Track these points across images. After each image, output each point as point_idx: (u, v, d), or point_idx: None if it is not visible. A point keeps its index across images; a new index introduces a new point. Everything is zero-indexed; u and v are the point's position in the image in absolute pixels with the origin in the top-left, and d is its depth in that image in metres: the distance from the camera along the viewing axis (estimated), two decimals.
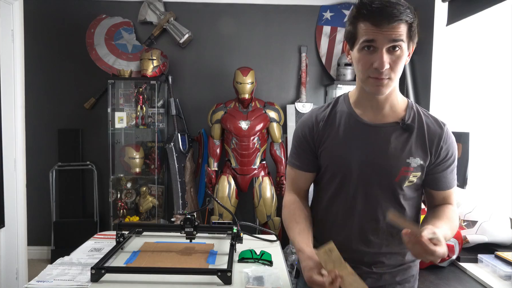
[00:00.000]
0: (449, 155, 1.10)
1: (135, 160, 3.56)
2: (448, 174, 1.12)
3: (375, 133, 1.10)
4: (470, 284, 1.41)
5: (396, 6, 0.96)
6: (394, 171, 1.08)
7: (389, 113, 1.11)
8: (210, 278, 1.26)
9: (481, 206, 1.68)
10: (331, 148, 1.13)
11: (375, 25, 0.97)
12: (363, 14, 0.98)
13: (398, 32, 0.97)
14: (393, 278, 1.15)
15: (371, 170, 1.09)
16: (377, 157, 1.09)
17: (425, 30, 2.80)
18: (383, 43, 0.98)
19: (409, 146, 1.08)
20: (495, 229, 1.62)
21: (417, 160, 1.08)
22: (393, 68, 1.00)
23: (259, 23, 3.74)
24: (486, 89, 2.31)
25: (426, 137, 1.09)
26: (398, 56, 0.99)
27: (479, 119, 2.35)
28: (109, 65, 3.59)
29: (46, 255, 3.79)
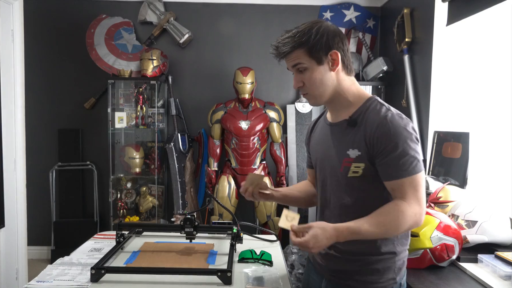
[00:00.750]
0: (387, 142, 1.11)
1: (135, 160, 3.55)
2: (391, 162, 1.11)
3: (331, 130, 1.26)
4: (470, 284, 1.41)
5: (285, 42, 1.18)
6: (338, 162, 1.19)
7: (342, 113, 1.23)
8: (210, 278, 1.26)
9: (481, 206, 1.67)
10: (311, 148, 1.38)
11: (283, 59, 1.21)
12: (274, 56, 1.23)
13: (294, 59, 1.18)
14: (351, 264, 1.20)
15: (325, 162, 1.26)
16: (328, 150, 1.25)
17: (425, 30, 2.80)
18: (291, 69, 1.22)
19: (350, 138, 1.17)
20: (495, 229, 1.62)
21: (356, 152, 1.15)
22: (307, 84, 1.19)
23: (259, 23, 3.74)
24: (486, 89, 2.31)
25: (366, 130, 1.14)
26: (307, 74, 1.19)
27: (479, 119, 2.35)
28: (109, 65, 3.59)
29: (46, 255, 3.79)
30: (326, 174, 1.26)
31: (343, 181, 1.19)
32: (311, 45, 1.15)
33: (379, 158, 1.12)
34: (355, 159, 1.15)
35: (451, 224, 1.54)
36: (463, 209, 1.69)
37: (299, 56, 1.17)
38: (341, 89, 1.21)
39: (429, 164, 2.65)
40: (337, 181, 1.21)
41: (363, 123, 1.16)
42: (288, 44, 1.17)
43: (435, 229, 1.49)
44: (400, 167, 1.10)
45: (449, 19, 2.53)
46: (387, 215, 1.09)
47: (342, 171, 1.18)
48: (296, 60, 1.18)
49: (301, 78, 1.20)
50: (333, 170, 1.22)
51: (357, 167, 1.15)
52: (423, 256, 1.49)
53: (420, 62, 2.89)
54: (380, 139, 1.11)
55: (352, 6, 3.70)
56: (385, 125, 1.12)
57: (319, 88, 1.19)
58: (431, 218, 1.52)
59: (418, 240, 1.49)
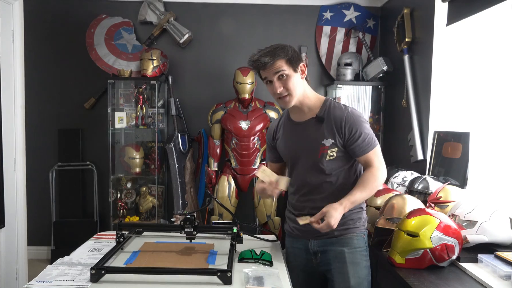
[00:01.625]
0: (354, 130, 1.51)
1: (135, 160, 3.55)
2: (360, 143, 1.52)
3: (300, 127, 1.61)
4: (470, 284, 1.41)
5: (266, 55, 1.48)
6: (315, 150, 1.55)
7: (307, 113, 1.59)
8: (210, 278, 1.26)
9: (481, 206, 1.67)
10: (279, 142, 1.68)
11: (262, 69, 1.51)
12: (254, 67, 1.53)
13: (277, 68, 1.49)
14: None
15: (300, 152, 1.60)
16: (302, 143, 1.59)
17: (425, 30, 2.80)
18: (272, 76, 1.50)
19: (321, 131, 1.55)
20: (495, 229, 1.62)
21: (329, 140, 1.53)
22: (286, 87, 1.51)
23: (259, 23, 3.74)
24: (486, 89, 2.31)
25: (333, 123, 1.53)
26: (285, 79, 1.51)
27: (479, 119, 2.35)
28: (109, 65, 3.59)
29: (46, 255, 3.79)
30: (303, 162, 1.59)
31: (322, 165, 1.55)
32: (289, 56, 1.50)
33: (349, 142, 1.52)
34: (329, 146, 1.53)
35: (451, 224, 1.54)
36: (463, 209, 1.69)
37: (281, 65, 1.49)
38: (306, 93, 1.58)
39: (429, 164, 2.65)
40: (317, 166, 1.56)
41: (331, 118, 1.54)
42: (270, 56, 1.48)
43: (435, 229, 1.49)
44: (365, 145, 1.52)
45: (449, 19, 2.53)
46: (368, 181, 1.51)
47: (320, 157, 1.54)
48: (279, 68, 1.49)
49: (281, 84, 1.51)
50: (310, 158, 1.56)
51: (332, 152, 1.54)
52: (423, 256, 1.49)
53: (420, 62, 2.89)
54: (348, 128, 1.52)
55: (352, 6, 3.70)
56: (349, 118, 1.53)
57: (296, 90, 1.53)
58: (431, 218, 1.52)
59: (418, 240, 1.49)
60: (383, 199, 1.92)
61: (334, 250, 1.57)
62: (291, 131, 1.64)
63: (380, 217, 1.77)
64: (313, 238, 1.59)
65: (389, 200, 1.82)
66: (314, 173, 1.57)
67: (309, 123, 1.58)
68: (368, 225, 1.94)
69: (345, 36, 3.72)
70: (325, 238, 1.57)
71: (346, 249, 1.57)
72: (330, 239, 1.57)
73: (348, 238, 1.58)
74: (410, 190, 2.15)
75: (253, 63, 1.52)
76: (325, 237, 1.56)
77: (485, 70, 2.32)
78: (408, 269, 1.51)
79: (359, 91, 3.57)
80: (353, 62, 3.50)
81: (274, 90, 1.52)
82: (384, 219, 1.75)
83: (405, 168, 2.71)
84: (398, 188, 2.32)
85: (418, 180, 2.16)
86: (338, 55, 3.69)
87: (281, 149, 1.67)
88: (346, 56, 3.54)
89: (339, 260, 1.56)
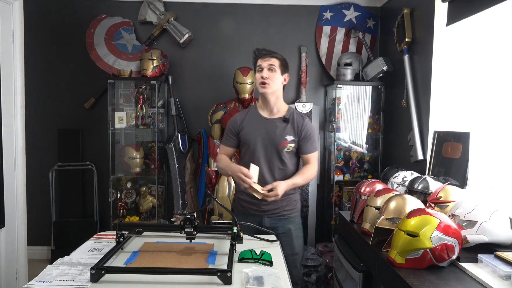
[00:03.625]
0: (307, 134, 2.06)
1: (135, 160, 3.56)
2: (307, 144, 2.07)
3: (268, 122, 2.08)
4: (470, 284, 1.41)
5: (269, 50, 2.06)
6: (278, 142, 2.04)
7: (275, 113, 2.10)
8: (210, 278, 1.26)
9: (481, 206, 1.67)
10: (246, 133, 2.09)
11: (261, 58, 2.03)
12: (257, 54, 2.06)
13: (272, 61, 2.02)
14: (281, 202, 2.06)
15: (267, 143, 2.05)
16: (270, 135, 2.05)
17: (425, 30, 2.80)
18: (265, 65, 2.02)
19: (287, 129, 2.06)
20: (495, 229, 1.62)
21: (291, 137, 2.05)
22: (271, 78, 2.01)
23: (259, 23, 3.74)
24: (486, 89, 2.31)
25: (295, 125, 2.06)
26: (273, 74, 2.02)
27: (479, 119, 2.35)
28: (109, 65, 3.59)
29: (46, 255, 3.79)
30: (267, 151, 2.05)
31: (281, 155, 2.05)
32: (282, 62, 2.06)
33: (302, 142, 2.07)
34: (290, 141, 2.05)
35: (451, 224, 1.54)
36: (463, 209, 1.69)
37: (275, 62, 2.03)
38: (279, 97, 2.09)
39: (429, 164, 2.65)
40: (277, 155, 2.05)
41: (294, 122, 2.07)
42: (273, 53, 2.05)
43: (435, 229, 1.48)
44: (311, 147, 2.09)
45: (449, 19, 2.53)
46: (306, 172, 2.06)
47: (281, 148, 2.04)
48: (273, 62, 2.02)
49: (268, 74, 2.01)
50: (273, 148, 2.05)
51: (290, 146, 2.06)
52: (423, 256, 1.49)
53: (420, 62, 2.89)
54: (304, 132, 2.06)
55: (352, 6, 3.70)
56: (306, 125, 2.08)
57: (276, 84, 2.03)
58: (431, 218, 1.52)
59: (418, 240, 1.49)
60: (383, 199, 1.92)
61: (282, 227, 2.07)
62: (260, 124, 2.08)
63: (380, 217, 1.77)
64: (266, 216, 2.06)
65: (389, 200, 1.82)
66: (273, 160, 2.05)
67: (277, 120, 2.07)
68: (368, 225, 1.96)
69: (345, 36, 3.72)
70: (276, 216, 2.07)
71: (292, 226, 2.10)
72: (279, 217, 2.08)
73: (293, 217, 2.13)
74: (410, 190, 2.15)
75: (258, 50, 2.05)
76: (277, 216, 2.08)
77: (485, 70, 2.32)
78: (408, 269, 1.51)
79: (359, 91, 3.57)
80: (353, 62, 3.50)
81: (262, 74, 2.00)
82: (384, 219, 1.75)
83: (405, 168, 2.71)
84: (398, 188, 2.32)
85: (418, 180, 2.16)
86: (338, 55, 3.69)
87: (247, 137, 2.08)
88: (346, 56, 3.54)
89: (287, 235, 2.05)
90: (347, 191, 3.60)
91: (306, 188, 3.59)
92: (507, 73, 2.07)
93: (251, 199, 2.02)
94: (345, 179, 3.57)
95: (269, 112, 2.09)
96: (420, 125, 2.85)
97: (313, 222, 3.62)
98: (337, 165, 3.58)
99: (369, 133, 3.60)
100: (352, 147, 3.63)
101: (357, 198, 2.25)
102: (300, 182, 2.03)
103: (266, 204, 2.03)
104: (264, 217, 2.06)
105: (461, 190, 1.97)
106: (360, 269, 1.93)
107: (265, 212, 2.05)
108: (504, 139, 2.09)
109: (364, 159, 3.64)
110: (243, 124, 2.11)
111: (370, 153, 3.64)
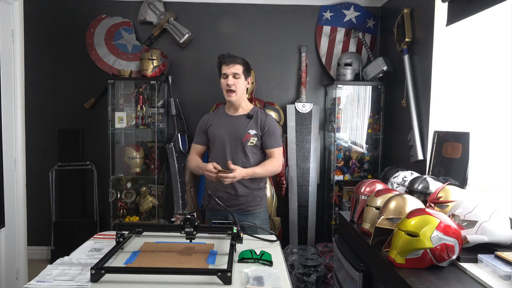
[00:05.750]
0: (269, 129, 2.22)
1: (135, 160, 3.56)
2: (269, 139, 2.22)
3: (233, 119, 2.27)
4: (470, 284, 1.41)
5: (233, 56, 2.23)
6: (242, 136, 2.20)
7: (240, 111, 2.29)
8: (210, 278, 1.26)
9: (481, 206, 1.67)
10: (213, 129, 2.28)
11: (225, 65, 2.22)
12: (220, 61, 2.24)
13: (236, 69, 2.21)
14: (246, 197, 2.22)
15: (231, 137, 2.21)
16: (234, 130, 2.22)
17: (425, 30, 2.80)
18: (229, 73, 2.21)
19: (250, 124, 2.23)
20: (495, 229, 1.62)
21: (254, 131, 2.21)
22: (236, 85, 2.21)
23: (259, 23, 3.74)
24: (486, 89, 2.31)
25: (258, 121, 2.23)
26: (238, 80, 2.21)
27: (479, 119, 2.35)
28: (109, 65, 3.59)
29: (46, 255, 3.79)
30: (231, 144, 2.20)
31: (245, 148, 2.20)
32: (245, 66, 2.25)
33: (264, 136, 2.22)
34: (253, 135, 2.21)
35: (451, 224, 1.54)
36: (463, 209, 1.69)
37: (239, 69, 2.21)
38: (244, 97, 2.30)
39: (429, 164, 2.65)
40: (241, 148, 2.20)
41: (257, 117, 2.24)
42: (236, 59, 2.22)
43: (435, 229, 1.48)
44: (273, 142, 2.23)
45: (449, 19, 2.53)
46: (268, 165, 2.20)
47: (244, 141, 2.19)
48: (237, 70, 2.20)
49: (234, 82, 2.20)
50: (237, 141, 2.20)
51: (254, 139, 2.21)
52: (423, 256, 1.49)
53: (420, 62, 2.89)
54: (267, 127, 2.22)
55: (352, 6, 3.70)
56: (269, 121, 2.25)
57: (240, 90, 2.23)
58: (431, 218, 1.52)
59: (418, 240, 1.49)
60: (383, 199, 1.92)
61: (248, 221, 2.13)
62: (226, 120, 2.27)
63: (380, 217, 1.77)
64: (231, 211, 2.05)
65: (389, 200, 1.82)
66: (237, 153, 2.20)
67: (241, 117, 2.26)
68: (368, 225, 1.96)
69: (345, 36, 3.72)
70: (242, 211, 2.20)
71: (258, 221, 2.22)
72: (245, 213, 2.21)
73: (258, 212, 2.25)
74: (410, 190, 2.15)
75: (222, 57, 2.23)
76: (242, 211, 2.21)
77: (485, 70, 2.32)
78: (408, 269, 1.51)
79: (359, 91, 3.57)
80: (353, 62, 3.50)
81: (227, 82, 2.20)
82: (384, 219, 1.75)
83: (405, 168, 2.71)
84: (398, 188, 2.32)
85: (418, 180, 2.16)
86: (338, 55, 3.69)
87: (214, 133, 2.25)
88: (346, 56, 3.54)
89: (252, 229, 2.03)
90: (347, 191, 3.60)
91: (306, 188, 3.59)
92: (507, 73, 2.07)
93: (219, 195, 2.18)
94: (345, 179, 3.57)
95: (234, 110, 2.29)
96: (420, 125, 2.85)
97: (313, 222, 3.63)
98: (337, 165, 3.58)
99: (369, 133, 3.60)
100: (352, 147, 3.64)
101: (357, 198, 2.25)
102: (260, 172, 2.16)
103: (231, 200, 2.19)
104: (229, 213, 2.14)
105: (461, 190, 1.97)
106: (360, 269, 1.93)
107: (230, 208, 2.11)
108: (504, 139, 2.09)
109: (364, 159, 3.63)
110: (210, 122, 2.31)
111: (370, 153, 3.64)
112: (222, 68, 2.23)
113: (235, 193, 2.20)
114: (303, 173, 3.60)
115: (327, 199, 3.79)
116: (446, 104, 2.66)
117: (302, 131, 3.62)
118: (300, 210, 3.60)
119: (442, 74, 2.67)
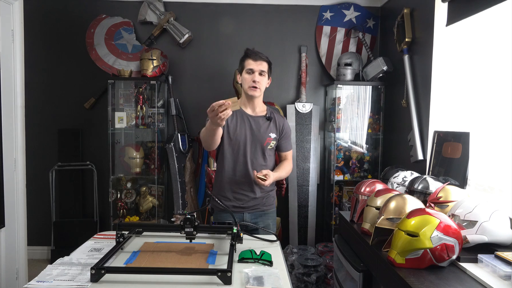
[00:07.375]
0: (287, 132, 2.24)
1: (135, 160, 3.56)
2: (285, 142, 2.24)
3: (253, 120, 2.17)
4: (470, 284, 1.41)
5: (262, 54, 2.12)
6: (263, 139, 2.15)
7: (258, 111, 2.20)
8: (210, 278, 1.26)
9: (481, 206, 1.67)
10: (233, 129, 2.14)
11: (253, 60, 2.09)
12: (248, 55, 2.11)
13: (263, 67, 2.11)
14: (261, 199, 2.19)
15: (253, 140, 2.14)
16: (255, 133, 2.15)
17: (425, 30, 2.80)
18: (256, 70, 2.09)
19: (270, 127, 2.18)
20: (495, 229, 1.62)
21: (273, 134, 2.18)
22: (261, 82, 2.11)
23: (259, 23, 3.74)
24: (486, 89, 2.31)
25: (277, 124, 2.20)
26: (263, 78, 2.12)
27: (479, 119, 2.34)
28: (109, 65, 3.60)
29: (46, 255, 3.79)
30: (251, 147, 2.13)
31: (264, 151, 2.16)
32: (270, 66, 2.16)
33: (282, 140, 2.22)
34: (273, 139, 2.18)
35: (451, 224, 1.54)
36: (463, 209, 1.69)
37: (265, 67, 2.12)
38: (262, 97, 2.21)
39: (429, 164, 2.65)
40: (261, 151, 2.15)
41: (275, 120, 2.20)
42: (264, 56, 2.12)
43: (435, 229, 1.48)
44: (288, 145, 2.27)
45: (449, 19, 2.53)
46: (286, 167, 2.23)
47: (265, 145, 2.15)
48: (264, 68, 2.11)
49: (259, 79, 2.10)
50: (258, 144, 2.14)
51: (273, 143, 2.19)
52: (423, 256, 1.49)
53: (420, 62, 2.89)
54: (284, 130, 2.22)
55: (352, 6, 3.71)
56: (286, 124, 2.25)
57: (263, 88, 2.15)
58: (431, 218, 1.52)
59: (418, 240, 1.49)
60: (383, 199, 1.92)
61: (263, 222, 2.18)
62: (246, 121, 2.16)
63: (380, 217, 1.77)
64: (247, 212, 2.16)
65: (389, 200, 1.82)
66: (257, 156, 2.15)
67: (261, 119, 2.18)
68: (368, 225, 1.96)
69: (345, 36, 3.72)
70: (257, 211, 2.18)
71: (271, 222, 2.23)
72: (260, 213, 2.19)
73: (271, 212, 2.26)
74: (410, 190, 2.15)
75: (250, 51, 2.11)
76: (258, 211, 2.18)
77: (485, 70, 2.32)
78: (408, 269, 1.51)
79: (359, 91, 3.57)
80: (353, 62, 3.50)
81: (254, 78, 2.09)
82: (384, 219, 1.75)
83: (405, 168, 2.71)
84: (398, 188, 2.32)
85: (418, 180, 2.16)
86: (338, 55, 3.69)
87: (235, 134, 2.13)
88: (346, 56, 3.54)
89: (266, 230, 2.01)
90: (347, 191, 3.60)
91: (306, 188, 3.59)
92: (507, 73, 2.07)
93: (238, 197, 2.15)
94: (345, 179, 3.57)
95: (253, 110, 2.19)
96: (420, 125, 2.85)
97: (313, 222, 3.63)
98: (337, 165, 3.58)
99: (369, 133, 3.60)
100: (352, 147, 3.64)
101: (357, 198, 2.25)
102: (283, 176, 2.20)
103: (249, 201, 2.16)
104: (245, 213, 2.16)
105: (461, 190, 1.97)
106: (360, 269, 1.93)
107: (246, 209, 2.15)
108: (504, 139, 2.09)
109: (364, 159, 3.64)
110: (230, 119, 2.13)
111: (370, 153, 3.64)
112: (247, 63, 2.09)
113: (254, 196, 2.16)
114: (303, 173, 3.60)
115: (327, 199, 3.79)
116: (446, 104, 2.66)
117: (302, 131, 3.62)
118: (300, 210, 3.60)
119: (442, 74, 2.67)
